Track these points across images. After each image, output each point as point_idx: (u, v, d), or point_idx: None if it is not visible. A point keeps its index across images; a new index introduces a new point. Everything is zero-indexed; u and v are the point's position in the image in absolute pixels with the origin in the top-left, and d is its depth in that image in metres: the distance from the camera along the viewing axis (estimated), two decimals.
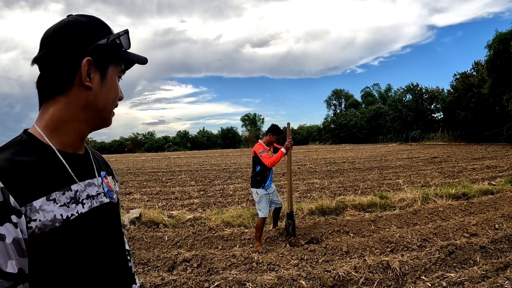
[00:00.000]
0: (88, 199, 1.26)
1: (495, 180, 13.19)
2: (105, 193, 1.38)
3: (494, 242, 6.11)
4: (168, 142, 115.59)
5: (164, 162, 37.12)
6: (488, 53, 36.10)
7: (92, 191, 1.30)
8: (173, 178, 20.12)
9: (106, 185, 1.41)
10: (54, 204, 1.12)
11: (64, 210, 1.14)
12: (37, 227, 1.07)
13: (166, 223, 8.76)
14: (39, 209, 1.08)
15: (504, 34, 33.24)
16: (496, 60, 34.33)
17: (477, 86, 48.14)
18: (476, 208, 9.08)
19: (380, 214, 8.74)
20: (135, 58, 1.39)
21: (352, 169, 20.52)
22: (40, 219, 1.07)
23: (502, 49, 32.55)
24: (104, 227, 1.32)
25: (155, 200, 12.60)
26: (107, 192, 1.40)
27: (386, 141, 76.50)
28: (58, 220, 1.11)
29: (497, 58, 33.90)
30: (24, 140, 1.18)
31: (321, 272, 5.15)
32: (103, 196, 1.36)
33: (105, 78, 1.27)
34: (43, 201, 1.09)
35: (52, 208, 1.11)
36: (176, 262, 6.09)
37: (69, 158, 1.24)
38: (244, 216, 8.84)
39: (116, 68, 1.32)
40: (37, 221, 1.07)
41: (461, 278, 4.91)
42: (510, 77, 32.21)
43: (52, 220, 1.10)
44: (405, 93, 73.36)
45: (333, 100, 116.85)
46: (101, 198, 1.34)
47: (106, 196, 1.38)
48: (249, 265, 5.87)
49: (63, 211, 1.14)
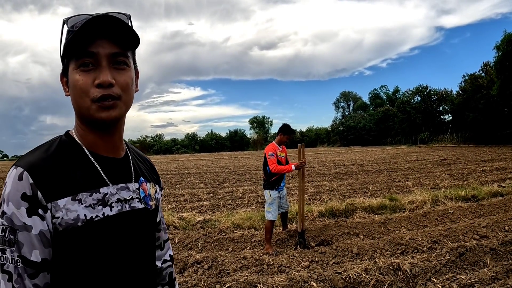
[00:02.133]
0: (118, 203, 1.28)
1: (505, 182, 13.14)
2: (140, 198, 1.38)
3: (505, 244, 6.08)
4: (177, 144, 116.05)
5: (173, 165, 37.21)
6: (497, 54, 36.02)
7: (124, 195, 1.31)
8: (182, 180, 20.14)
9: (143, 190, 1.42)
10: (79, 205, 1.15)
11: (89, 211, 1.17)
12: (59, 224, 1.12)
13: (177, 225, 8.79)
14: (62, 207, 1.12)
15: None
16: (504, 61, 34.20)
17: (485, 88, 47.95)
18: (486, 210, 9.05)
19: (390, 216, 8.75)
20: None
21: (361, 172, 20.48)
22: (63, 217, 1.12)
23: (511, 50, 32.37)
24: (132, 232, 1.33)
25: (165, 202, 12.59)
26: (143, 197, 1.39)
27: (394, 143, 76.23)
28: (81, 220, 1.14)
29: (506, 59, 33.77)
30: (62, 140, 1.24)
31: (332, 274, 5.16)
32: (137, 201, 1.36)
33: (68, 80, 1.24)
34: (67, 201, 1.13)
35: (76, 208, 1.14)
36: (187, 264, 6.12)
37: (103, 161, 1.27)
38: (254, 219, 8.86)
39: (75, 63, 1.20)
40: (59, 218, 1.12)
41: (471, 280, 4.91)
42: None
43: (75, 219, 1.13)
44: (413, 94, 73.25)
45: (341, 103, 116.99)
46: (134, 204, 1.34)
47: (141, 202, 1.38)
48: (259, 267, 5.88)
49: (87, 211, 1.16)
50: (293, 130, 7.25)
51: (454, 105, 58.30)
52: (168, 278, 1.71)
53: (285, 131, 7.15)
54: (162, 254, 1.70)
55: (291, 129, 7.23)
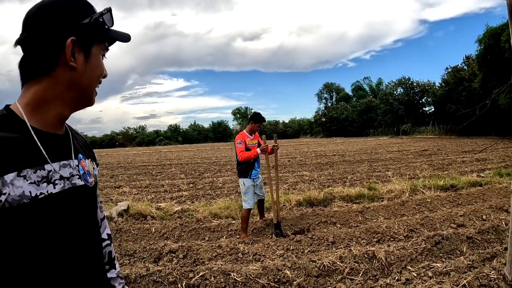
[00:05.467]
0: (61, 180, 1.23)
1: (484, 172, 13.24)
2: (80, 175, 1.34)
3: (481, 233, 6.11)
4: (159, 136, 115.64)
5: (155, 156, 37.08)
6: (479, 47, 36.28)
7: (65, 173, 1.26)
8: (163, 171, 20.09)
9: (82, 167, 1.38)
10: (24, 181, 1.11)
11: (34, 188, 1.12)
12: (6, 201, 1.06)
13: (154, 215, 8.73)
14: (9, 183, 1.07)
15: (494, 28, 33.35)
16: (486, 55, 34.46)
17: (468, 80, 48.51)
18: (464, 199, 9.10)
19: (368, 205, 8.76)
20: (118, 36, 1.37)
21: (342, 162, 20.59)
22: (10, 193, 1.07)
23: (493, 44, 32.67)
24: (75, 209, 1.29)
25: (144, 193, 12.56)
26: (82, 175, 1.36)
27: (377, 135, 76.88)
28: (26, 196, 1.10)
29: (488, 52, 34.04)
30: (3, 116, 1.18)
31: (306, 262, 5.14)
32: (77, 178, 1.32)
33: (89, 57, 1.26)
34: (14, 176, 1.08)
35: (21, 184, 1.10)
36: (162, 253, 6.06)
37: (47, 138, 1.22)
38: (231, 208, 8.83)
39: (99, 46, 1.31)
40: (6, 194, 1.06)
41: (447, 268, 4.90)
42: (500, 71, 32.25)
43: (21, 196, 1.09)
44: (396, 86, 73.63)
45: (324, 94, 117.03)
46: (75, 180, 1.31)
47: (81, 179, 1.34)
48: (234, 256, 5.85)
49: (32, 188, 1.12)
50: (263, 118, 7.30)
51: (437, 97, 58.81)
52: (108, 257, 1.68)
53: (256, 119, 7.19)
54: None
55: (262, 117, 7.27)
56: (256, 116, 7.22)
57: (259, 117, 7.22)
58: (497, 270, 4.62)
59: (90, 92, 1.31)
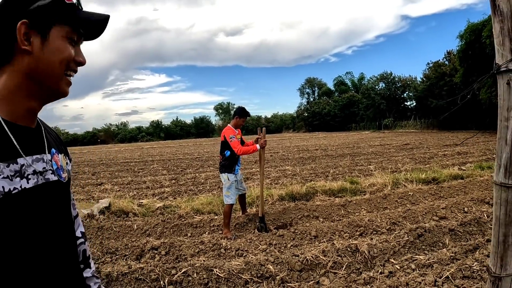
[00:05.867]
0: (34, 175, 1.19)
1: (465, 165, 13.37)
2: (53, 170, 1.29)
3: (463, 225, 6.17)
4: (142, 132, 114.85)
5: (137, 153, 36.89)
6: (460, 43, 36.66)
7: (39, 167, 1.22)
8: (145, 168, 19.99)
9: (56, 162, 1.33)
10: None
11: (7, 182, 1.08)
12: None
13: (136, 212, 8.66)
14: None
15: (476, 24, 33.68)
16: (468, 50, 34.81)
17: (449, 75, 49.02)
18: (446, 192, 9.17)
19: (350, 199, 8.80)
20: (87, 17, 1.27)
21: (325, 156, 20.67)
22: None
23: (474, 39, 32.99)
24: (49, 205, 1.25)
25: (126, 190, 12.49)
26: (55, 169, 1.31)
27: (359, 129, 77.26)
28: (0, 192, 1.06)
29: (469, 48, 34.38)
30: None
31: (289, 257, 5.13)
32: (50, 173, 1.28)
33: (46, 40, 1.17)
34: None
35: None
36: (144, 250, 6.02)
37: (18, 130, 1.17)
38: (214, 203, 8.80)
39: (62, 28, 1.21)
40: None
41: (430, 260, 4.94)
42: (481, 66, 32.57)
43: None
44: (378, 81, 73.99)
45: (306, 89, 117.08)
46: (48, 176, 1.26)
47: (54, 174, 1.30)
48: (217, 252, 5.82)
49: (5, 183, 1.08)
50: (248, 112, 7.23)
51: (418, 92, 59.28)
52: (82, 256, 1.63)
53: (241, 114, 7.12)
54: None
55: (247, 112, 7.21)
56: (242, 111, 7.15)
57: (244, 111, 7.16)
58: (480, 261, 4.66)
59: (53, 79, 1.21)
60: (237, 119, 7.13)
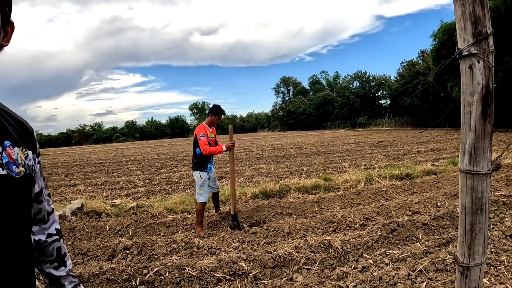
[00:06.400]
0: None
1: (438, 161, 13.54)
2: (2, 164, 1.21)
3: (436, 219, 6.24)
4: (116, 133, 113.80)
5: (112, 153, 36.52)
6: (434, 42, 37.06)
7: None
8: (119, 168, 19.81)
9: (8, 155, 1.24)
10: None
11: None
12: None
13: (109, 212, 8.56)
14: None
15: (449, 24, 34.09)
16: (441, 49, 35.20)
17: (422, 74, 50.06)
18: (419, 187, 9.28)
19: (324, 196, 8.80)
20: None
21: (299, 154, 20.75)
22: None
23: (447, 39, 33.39)
24: None
25: (99, 191, 12.34)
26: (5, 163, 1.22)
27: (334, 127, 77.87)
28: None
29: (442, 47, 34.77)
30: None
31: (262, 254, 5.12)
32: None
33: None
34: None
35: None
36: (116, 251, 5.94)
37: None
38: (187, 202, 8.74)
39: None
40: None
41: (403, 255, 4.98)
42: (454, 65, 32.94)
43: None
44: (352, 80, 74.61)
45: (281, 88, 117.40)
46: None
47: (3, 167, 1.21)
48: (190, 250, 5.78)
49: None
50: (223, 110, 7.19)
51: (392, 90, 60.02)
52: (56, 254, 1.58)
53: (216, 112, 7.09)
54: (46, 228, 1.56)
55: (222, 110, 7.17)
56: (217, 109, 7.11)
57: (219, 109, 7.12)
58: (453, 254, 4.71)
59: None
60: (211, 117, 7.09)
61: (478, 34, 1.90)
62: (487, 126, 1.96)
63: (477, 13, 1.88)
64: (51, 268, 1.59)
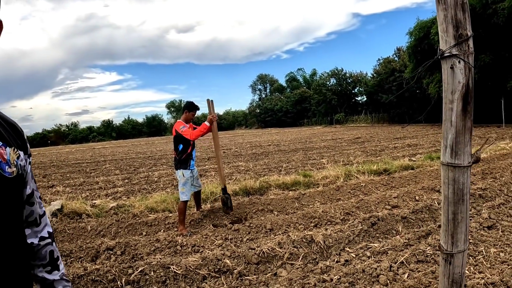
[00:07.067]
0: None
1: (416, 156, 13.71)
2: None
3: (415, 212, 6.38)
4: (93, 132, 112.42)
5: (89, 153, 36.09)
6: (410, 39, 37.47)
7: None
8: (97, 168, 19.58)
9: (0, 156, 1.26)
10: None
11: None
12: None
13: (89, 213, 8.49)
14: None
15: (425, 22, 34.50)
16: (417, 46, 35.60)
17: (398, 71, 50.71)
18: (397, 182, 9.40)
19: (304, 192, 8.88)
20: None
21: (277, 151, 20.82)
22: None
23: (423, 36, 33.77)
24: None
25: (78, 191, 12.20)
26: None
27: (311, 124, 78.14)
28: None
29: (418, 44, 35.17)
30: None
31: (245, 250, 5.17)
32: None
33: None
34: None
35: None
36: (99, 251, 5.92)
37: None
38: (168, 201, 8.72)
39: None
40: None
41: (384, 248, 5.08)
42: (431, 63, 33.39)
43: None
44: (329, 77, 74.88)
45: (258, 85, 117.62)
46: None
47: None
48: (173, 249, 5.79)
49: None
50: (196, 106, 7.23)
51: (369, 87, 60.44)
52: (49, 257, 1.57)
53: (190, 108, 7.13)
54: (38, 231, 1.55)
55: (195, 105, 7.21)
56: (190, 105, 7.15)
57: (192, 105, 7.15)
58: (433, 246, 4.84)
59: None
60: (186, 114, 7.12)
61: (459, 36, 1.99)
62: (467, 122, 2.06)
63: (458, 17, 1.97)
64: (44, 272, 1.57)
